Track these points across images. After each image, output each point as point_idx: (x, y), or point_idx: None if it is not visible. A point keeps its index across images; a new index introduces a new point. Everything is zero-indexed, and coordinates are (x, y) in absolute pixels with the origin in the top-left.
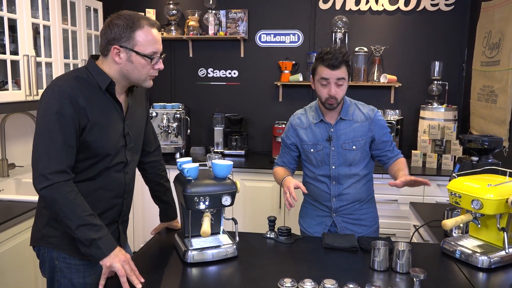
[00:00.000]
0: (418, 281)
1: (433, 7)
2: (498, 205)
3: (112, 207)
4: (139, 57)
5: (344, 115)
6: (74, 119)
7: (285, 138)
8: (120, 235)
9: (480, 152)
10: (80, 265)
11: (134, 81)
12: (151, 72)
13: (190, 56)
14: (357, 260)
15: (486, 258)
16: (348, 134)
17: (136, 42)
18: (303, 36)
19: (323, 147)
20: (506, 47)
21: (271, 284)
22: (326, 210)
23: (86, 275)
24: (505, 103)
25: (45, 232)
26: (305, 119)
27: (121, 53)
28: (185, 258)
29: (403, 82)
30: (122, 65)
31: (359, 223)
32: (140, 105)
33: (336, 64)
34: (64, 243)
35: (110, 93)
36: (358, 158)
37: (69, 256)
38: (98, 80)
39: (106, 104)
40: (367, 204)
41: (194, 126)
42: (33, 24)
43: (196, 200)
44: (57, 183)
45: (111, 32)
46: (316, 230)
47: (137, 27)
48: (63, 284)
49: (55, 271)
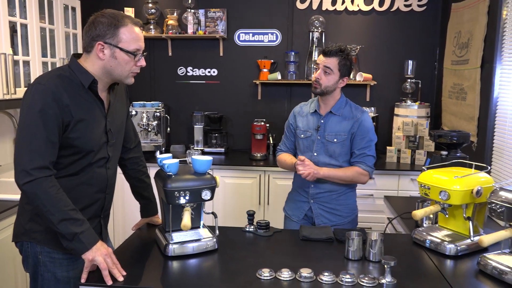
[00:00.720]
0: (389, 267)
1: (406, 7)
2: (464, 196)
3: (94, 201)
4: (123, 54)
5: (335, 110)
6: (57, 116)
7: (287, 123)
8: (102, 229)
9: (449, 146)
10: (63, 259)
11: (117, 77)
12: (133, 68)
13: (169, 55)
14: (333, 250)
15: (453, 246)
16: (333, 127)
17: (120, 39)
18: (281, 35)
19: (311, 135)
20: (474, 47)
21: (250, 275)
22: (305, 196)
23: (70, 269)
24: (473, 100)
25: (29, 228)
26: (305, 108)
27: (105, 49)
28: (166, 252)
29: (378, 80)
30: (105, 61)
31: (334, 212)
32: (121, 102)
33: (327, 52)
34: (48, 237)
35: (93, 90)
36: (338, 151)
37: (53, 251)
38: (81, 78)
39: (88, 101)
40: (345, 196)
41: (174, 125)
42: (10, 23)
43: (176, 195)
44: (39, 178)
45: (96, 29)
46: (294, 213)
47: (121, 24)
48: (46, 278)
49: (39, 265)
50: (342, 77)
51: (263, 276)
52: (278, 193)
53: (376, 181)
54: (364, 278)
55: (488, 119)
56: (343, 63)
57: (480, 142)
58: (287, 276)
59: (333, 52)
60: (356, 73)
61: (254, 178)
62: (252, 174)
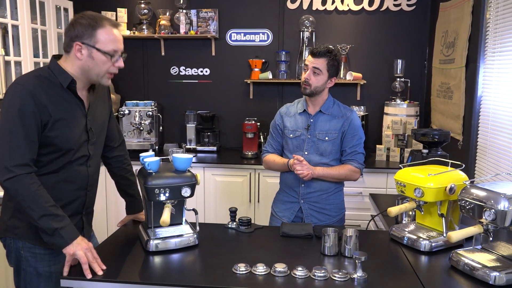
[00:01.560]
0: (360, 262)
1: (395, 7)
2: (437, 193)
3: (75, 198)
4: (100, 54)
5: (324, 109)
6: (35, 115)
7: (273, 124)
8: (84, 226)
9: (430, 145)
10: (45, 255)
11: (94, 77)
12: (111, 69)
13: (162, 54)
14: (311, 246)
15: (427, 242)
16: (324, 126)
17: (97, 40)
18: (272, 35)
19: (301, 134)
20: (459, 46)
21: (226, 269)
22: (295, 196)
23: (51, 264)
24: (459, 99)
25: (10, 224)
26: (292, 109)
27: (82, 50)
28: (147, 247)
29: (369, 79)
30: (83, 61)
31: (323, 212)
32: (103, 102)
33: (315, 52)
34: (29, 233)
35: (72, 90)
36: (329, 149)
37: (34, 246)
38: (60, 79)
39: (68, 101)
40: (334, 195)
41: (167, 123)
42: (1, 24)
43: (156, 192)
44: (20, 175)
45: (75, 30)
46: (285, 215)
47: (99, 26)
48: (28, 273)
49: (21, 260)
50: (331, 77)
51: (239, 271)
52: (268, 191)
53: (365, 179)
54: (336, 273)
55: (472, 117)
56: (331, 64)
57: (465, 141)
58: (262, 271)
59: (322, 53)
60: (346, 72)
61: (244, 176)
62: (242, 172)
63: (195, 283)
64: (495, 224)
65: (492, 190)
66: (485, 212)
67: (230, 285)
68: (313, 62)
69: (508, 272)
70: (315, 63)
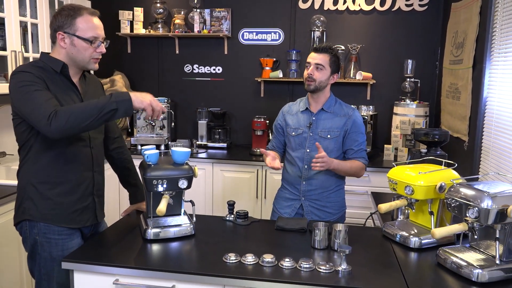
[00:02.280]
0: (344, 255)
1: (407, 7)
2: (427, 191)
3: (84, 179)
4: (81, 41)
5: (326, 107)
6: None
7: (276, 123)
8: (96, 207)
9: (429, 144)
10: (58, 240)
11: (80, 63)
12: (94, 54)
13: (176, 52)
14: (303, 240)
15: (417, 239)
16: (326, 124)
17: (77, 28)
18: (284, 34)
19: (303, 132)
20: (467, 47)
21: (217, 258)
22: (296, 193)
23: (64, 249)
24: (465, 100)
25: (26, 206)
26: (294, 107)
27: (65, 39)
28: (145, 235)
29: (379, 79)
30: (67, 49)
31: (324, 209)
32: (97, 92)
33: (318, 49)
34: (43, 214)
35: (65, 75)
36: (331, 147)
37: (48, 232)
38: (52, 66)
39: (64, 84)
40: (335, 193)
41: (180, 120)
42: (22, 22)
43: (154, 183)
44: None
45: (56, 21)
46: (286, 211)
47: (77, 15)
48: (43, 257)
49: (36, 245)
50: (333, 73)
51: (229, 260)
52: (274, 188)
53: (371, 178)
54: (323, 265)
55: (478, 118)
56: (333, 60)
57: (471, 141)
58: (251, 261)
59: (324, 49)
60: (356, 72)
61: (252, 172)
62: (250, 168)
63: (184, 269)
64: (479, 222)
65: (478, 188)
66: (469, 210)
67: (218, 272)
68: (316, 58)
69: (491, 269)
70: (318, 59)
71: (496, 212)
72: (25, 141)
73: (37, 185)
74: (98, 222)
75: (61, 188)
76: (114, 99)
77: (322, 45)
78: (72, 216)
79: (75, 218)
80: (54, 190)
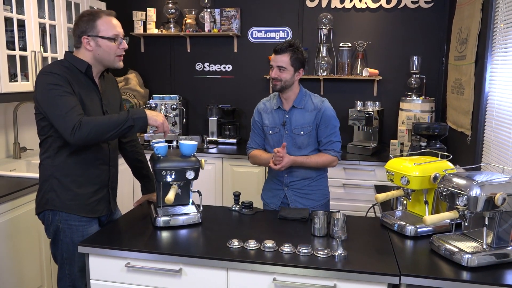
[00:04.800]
0: (340, 241)
1: (413, 4)
2: (422, 181)
3: (101, 172)
4: (105, 41)
5: (296, 104)
6: (68, 82)
7: (253, 121)
8: (110, 198)
9: (429, 138)
10: (78, 226)
11: (107, 63)
12: (118, 51)
13: (188, 51)
14: (304, 228)
15: (413, 227)
16: (298, 120)
17: (99, 30)
18: (292, 32)
19: (279, 130)
20: (471, 42)
21: (222, 243)
22: (279, 185)
23: (84, 234)
24: (468, 95)
25: (49, 197)
26: (269, 104)
27: (90, 42)
28: (155, 223)
29: (385, 75)
30: (93, 51)
31: (307, 197)
32: (113, 91)
33: (277, 50)
34: (64, 203)
35: (89, 75)
36: (306, 142)
37: (70, 218)
38: (77, 65)
39: (86, 84)
40: (317, 182)
41: (192, 116)
42: (41, 24)
43: (163, 174)
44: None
45: (79, 27)
46: (272, 201)
47: (97, 18)
48: (65, 243)
49: (59, 231)
50: (297, 70)
51: (232, 245)
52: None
53: (376, 173)
54: (321, 250)
55: (479, 113)
56: (294, 57)
57: (473, 136)
58: (253, 246)
59: (283, 49)
60: (363, 68)
61: (260, 167)
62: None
63: (191, 253)
64: (469, 209)
65: (468, 177)
66: (458, 198)
67: (222, 256)
68: (277, 60)
69: (480, 255)
70: (279, 61)
71: (485, 200)
72: (47, 136)
73: (60, 178)
74: (111, 212)
75: (80, 181)
76: (132, 116)
77: (281, 45)
78: (90, 206)
79: (93, 208)
80: (75, 183)
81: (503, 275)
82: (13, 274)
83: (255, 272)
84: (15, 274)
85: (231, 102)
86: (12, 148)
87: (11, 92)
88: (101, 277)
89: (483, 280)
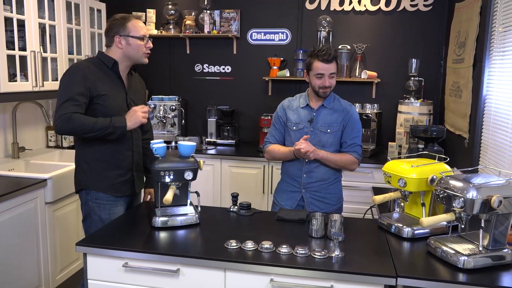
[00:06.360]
0: (337, 242)
1: (412, 7)
2: (419, 183)
3: (125, 158)
4: (135, 40)
5: (326, 104)
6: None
7: (276, 116)
8: (134, 180)
9: (426, 140)
10: (106, 204)
11: (135, 59)
12: (144, 50)
13: (187, 52)
14: (301, 230)
15: (410, 229)
16: (326, 119)
17: (130, 30)
18: (291, 34)
19: (304, 127)
20: (469, 46)
21: (219, 244)
22: (297, 186)
23: (111, 212)
24: (466, 98)
25: (80, 178)
26: (294, 103)
27: (121, 41)
28: (153, 223)
29: (384, 78)
30: (124, 49)
31: (324, 200)
32: (139, 88)
33: (329, 59)
34: (93, 183)
35: (114, 70)
36: (330, 141)
37: (98, 196)
38: (105, 62)
39: (112, 79)
40: (333, 185)
41: (191, 117)
42: (40, 24)
43: (162, 174)
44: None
45: (112, 29)
46: (287, 203)
47: (127, 21)
48: (94, 220)
49: (90, 209)
50: None
51: (230, 246)
52: (277, 176)
53: (374, 175)
54: (318, 251)
55: (477, 116)
56: (337, 62)
57: (471, 139)
58: (250, 247)
59: (333, 58)
60: (362, 71)
61: (259, 168)
62: (257, 164)
63: (189, 254)
64: (465, 212)
65: (464, 180)
66: (455, 200)
67: (220, 257)
68: (329, 69)
69: (477, 257)
70: (331, 69)
71: (481, 202)
72: None
73: (89, 162)
74: (136, 192)
75: (107, 164)
76: (113, 124)
77: (328, 53)
78: (116, 186)
79: (118, 188)
80: (101, 166)
81: (499, 277)
82: (11, 274)
83: (253, 273)
84: (12, 274)
85: (230, 104)
86: (11, 148)
87: (10, 92)
88: (99, 277)
89: (479, 282)
